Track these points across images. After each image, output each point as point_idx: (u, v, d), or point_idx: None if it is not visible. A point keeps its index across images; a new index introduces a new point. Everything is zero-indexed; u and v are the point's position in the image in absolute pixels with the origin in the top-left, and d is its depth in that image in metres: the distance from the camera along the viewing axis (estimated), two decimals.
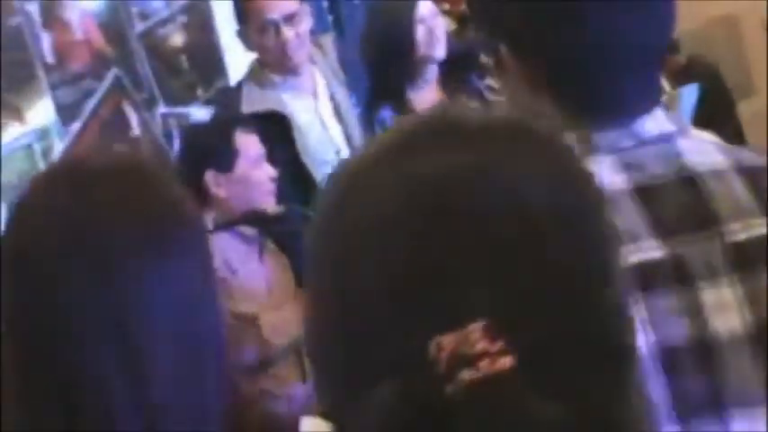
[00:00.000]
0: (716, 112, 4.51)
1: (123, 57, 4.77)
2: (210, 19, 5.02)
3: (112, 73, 4.74)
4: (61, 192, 1.31)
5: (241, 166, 3.50)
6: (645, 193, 1.43)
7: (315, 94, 3.95)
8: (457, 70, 3.97)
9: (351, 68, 4.02)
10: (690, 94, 4.16)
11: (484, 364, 0.78)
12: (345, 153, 3.90)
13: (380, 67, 3.96)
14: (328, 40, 4.11)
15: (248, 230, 3.55)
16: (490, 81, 3.79)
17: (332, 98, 3.96)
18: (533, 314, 0.83)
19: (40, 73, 4.56)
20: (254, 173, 3.52)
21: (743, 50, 5.65)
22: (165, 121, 4.85)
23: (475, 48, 3.79)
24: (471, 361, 0.78)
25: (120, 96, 4.75)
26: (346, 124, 3.95)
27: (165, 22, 4.93)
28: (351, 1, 5.22)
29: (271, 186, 3.56)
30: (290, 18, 3.77)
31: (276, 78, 3.89)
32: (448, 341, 0.79)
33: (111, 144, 4.67)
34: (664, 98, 1.59)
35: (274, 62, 3.84)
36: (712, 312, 1.40)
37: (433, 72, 3.99)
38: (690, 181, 1.45)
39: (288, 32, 3.76)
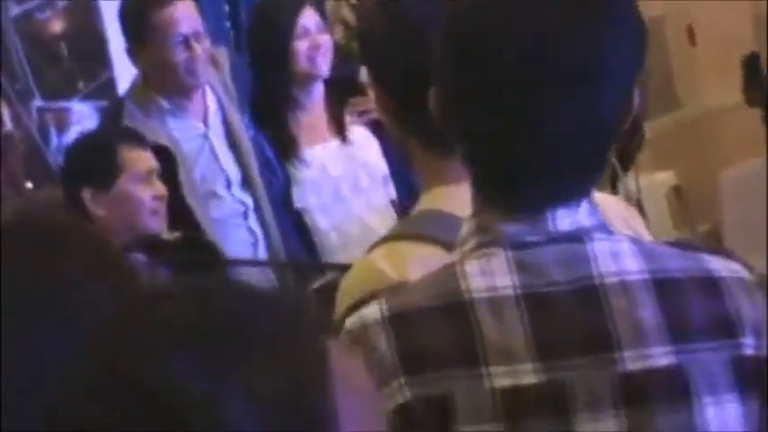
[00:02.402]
0: None
1: None
2: (94, 4, 4.70)
3: None
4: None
5: (121, 184, 3.27)
6: (534, 303, 1.32)
7: (205, 120, 3.71)
8: (338, 92, 3.79)
9: (243, 85, 3.79)
10: None
11: None
12: (238, 182, 3.67)
13: (255, 81, 3.79)
14: (222, 53, 3.83)
15: (138, 257, 3.25)
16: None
17: (225, 121, 3.71)
18: None
19: None
20: (136, 191, 3.28)
21: (668, 59, 5.42)
22: (41, 117, 4.58)
23: (355, 69, 3.61)
24: None
25: None
26: (239, 149, 3.70)
27: (43, 6, 4.65)
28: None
29: (154, 205, 3.32)
30: (198, 34, 3.62)
31: (163, 102, 3.64)
32: None
33: None
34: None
35: (171, 82, 3.63)
36: None
37: (318, 91, 3.81)
38: (590, 294, 1.33)
39: (197, 49, 3.58)
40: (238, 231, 3.63)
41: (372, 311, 1.36)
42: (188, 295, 0.91)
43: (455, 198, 1.55)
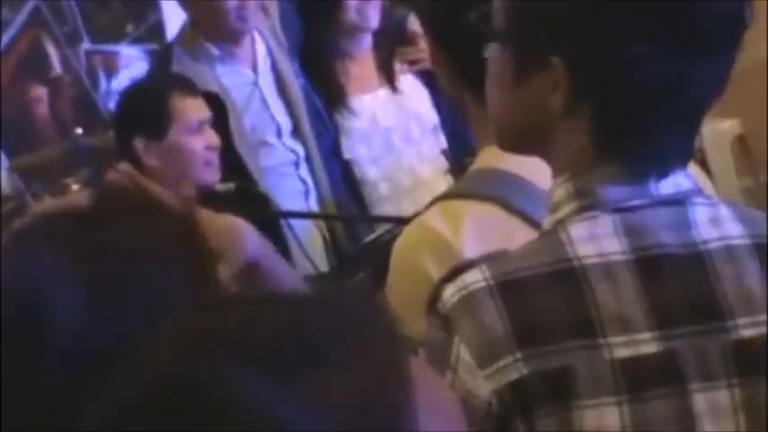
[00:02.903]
0: None
1: None
2: None
3: (31, 3, 4.39)
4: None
5: (174, 135, 3.22)
6: (646, 269, 1.27)
7: (254, 67, 3.61)
8: (387, 41, 3.69)
9: (292, 32, 3.68)
10: None
11: None
12: (288, 131, 3.58)
13: (303, 31, 3.68)
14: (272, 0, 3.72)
15: None
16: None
17: (273, 68, 3.61)
18: None
19: None
20: (188, 141, 3.24)
21: None
22: (89, 60, 4.50)
23: (403, 19, 3.51)
24: None
25: (39, 30, 4.40)
26: (289, 97, 3.60)
27: None
28: None
29: (207, 156, 3.27)
30: None
31: (212, 48, 3.54)
32: None
33: (28, 82, 4.35)
34: None
35: (221, 28, 3.51)
36: (703, 420, 1.26)
37: (366, 42, 3.70)
38: (698, 259, 1.29)
39: None
40: (289, 180, 3.56)
41: (474, 279, 1.27)
42: (255, 304, 0.87)
43: (511, 156, 1.48)
